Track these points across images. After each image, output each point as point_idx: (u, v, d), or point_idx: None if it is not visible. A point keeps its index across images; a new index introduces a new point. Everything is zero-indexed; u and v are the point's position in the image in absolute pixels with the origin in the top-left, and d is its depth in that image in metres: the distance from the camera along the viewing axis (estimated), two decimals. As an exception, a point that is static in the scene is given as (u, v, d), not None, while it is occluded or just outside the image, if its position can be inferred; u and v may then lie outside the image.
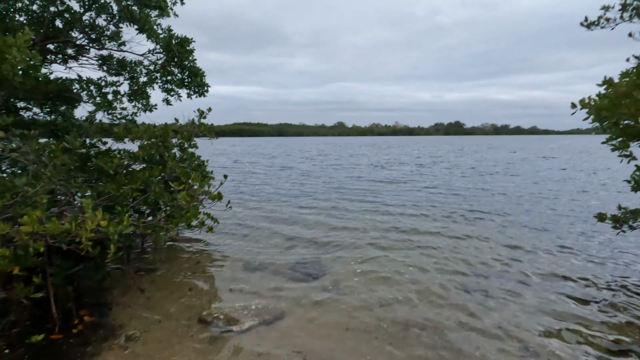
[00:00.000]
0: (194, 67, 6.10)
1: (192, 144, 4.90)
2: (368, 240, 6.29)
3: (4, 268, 2.28)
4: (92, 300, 3.88)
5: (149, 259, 5.31)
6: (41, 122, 5.52)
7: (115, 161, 3.83)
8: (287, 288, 4.36)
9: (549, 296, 4.13)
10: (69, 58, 6.11)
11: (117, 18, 5.74)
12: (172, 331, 3.36)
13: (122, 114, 5.76)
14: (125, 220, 2.91)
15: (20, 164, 3.91)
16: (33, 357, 2.90)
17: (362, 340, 3.24)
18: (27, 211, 2.60)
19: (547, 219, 7.72)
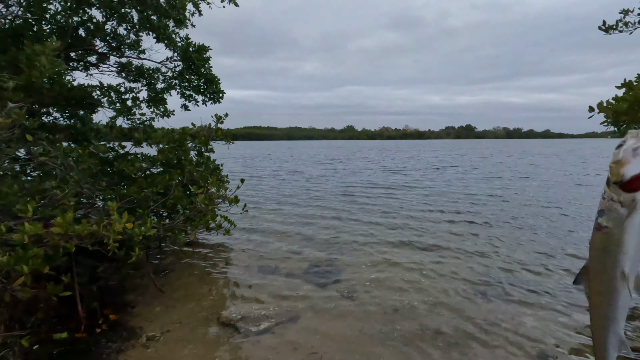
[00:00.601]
0: (210, 74, 6.25)
1: (209, 149, 5.02)
2: (382, 244, 6.31)
3: (37, 267, 2.39)
4: (114, 300, 4.00)
5: (168, 261, 5.43)
6: (61, 127, 5.73)
7: (136, 165, 3.95)
8: (302, 291, 4.41)
9: (571, 304, 4.09)
10: (90, 65, 6.33)
11: (137, 27, 5.93)
12: (192, 331, 3.45)
13: (141, 119, 5.93)
14: (149, 223, 3.02)
15: (46, 167, 4.08)
16: (61, 353, 3.02)
17: (378, 343, 3.27)
18: (57, 213, 2.73)
19: (568, 225, 7.62)
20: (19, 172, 4.20)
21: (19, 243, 2.35)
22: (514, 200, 10.63)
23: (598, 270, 1.58)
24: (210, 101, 6.36)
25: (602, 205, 1.49)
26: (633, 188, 1.40)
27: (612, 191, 1.45)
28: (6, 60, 3.67)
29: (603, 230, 1.48)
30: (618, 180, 1.41)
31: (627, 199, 1.42)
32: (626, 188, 1.41)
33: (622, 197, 1.42)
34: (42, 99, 4.50)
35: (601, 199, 1.50)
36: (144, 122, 6.02)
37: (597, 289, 1.61)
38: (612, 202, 1.44)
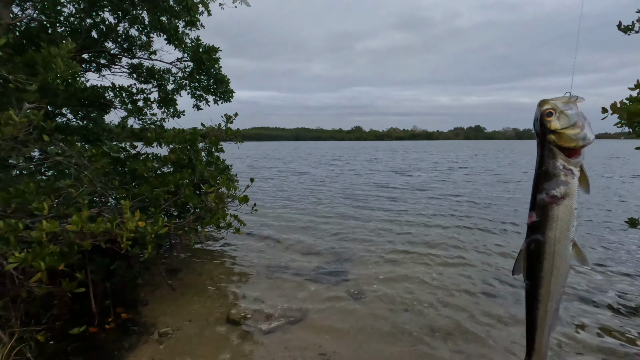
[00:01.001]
0: (219, 74, 6.31)
1: (219, 148, 5.07)
2: (390, 245, 6.29)
3: (53, 264, 2.44)
4: (126, 297, 4.06)
5: (178, 259, 5.50)
6: (74, 127, 5.83)
7: (148, 164, 4.01)
8: (310, 290, 4.43)
9: (585, 309, 4.03)
10: (102, 67, 6.43)
11: (148, 29, 6.01)
12: (202, 328, 3.48)
13: (152, 120, 6.01)
14: (160, 221, 3.07)
15: (60, 166, 4.16)
16: (75, 349, 3.08)
17: (387, 344, 3.26)
18: (72, 211, 2.79)
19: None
20: (34, 172, 4.30)
21: (36, 240, 2.40)
22: (525, 202, 10.50)
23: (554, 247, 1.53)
24: (221, 101, 6.42)
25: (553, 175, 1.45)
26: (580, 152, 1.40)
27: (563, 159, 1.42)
28: (22, 62, 3.75)
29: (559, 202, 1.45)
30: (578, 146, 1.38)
31: (577, 165, 1.41)
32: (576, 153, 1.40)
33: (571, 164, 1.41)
34: (56, 100, 4.60)
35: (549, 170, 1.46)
36: (155, 122, 6.10)
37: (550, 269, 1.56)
38: (566, 171, 1.42)
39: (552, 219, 1.47)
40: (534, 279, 1.60)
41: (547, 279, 1.57)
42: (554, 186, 1.44)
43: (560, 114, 1.38)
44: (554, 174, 1.43)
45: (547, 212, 1.48)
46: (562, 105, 1.39)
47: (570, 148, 1.39)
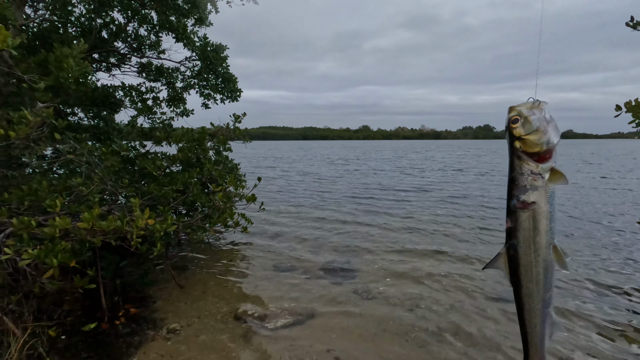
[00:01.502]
0: (227, 73, 6.33)
1: (227, 148, 5.10)
2: (398, 245, 6.26)
3: (65, 261, 2.48)
4: (135, 294, 4.11)
5: (187, 257, 5.55)
6: (85, 126, 5.92)
7: (157, 163, 4.05)
8: (318, 288, 4.43)
9: (603, 309, 3.97)
10: (112, 66, 6.51)
11: (157, 28, 6.06)
12: (210, 326, 3.51)
13: (162, 118, 6.06)
14: (169, 219, 3.09)
15: (72, 165, 4.23)
16: (85, 344, 3.13)
17: (394, 343, 3.25)
18: (83, 209, 2.83)
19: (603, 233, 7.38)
20: (46, 170, 4.38)
21: (49, 237, 2.44)
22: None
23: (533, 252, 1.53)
24: (228, 100, 6.44)
25: (522, 181, 1.46)
26: (549, 157, 1.40)
27: (531, 165, 1.43)
28: (36, 62, 3.82)
29: (530, 207, 1.46)
30: (541, 151, 1.40)
31: (546, 169, 1.42)
32: (543, 157, 1.41)
33: (540, 168, 1.42)
34: (68, 100, 4.66)
35: (517, 176, 1.48)
36: (164, 121, 6.15)
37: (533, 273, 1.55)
38: (534, 176, 1.43)
39: (525, 224, 1.49)
40: (517, 284, 1.61)
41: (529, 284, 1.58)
42: (523, 192, 1.46)
43: (525, 120, 1.40)
44: (522, 180, 1.46)
45: (519, 217, 1.50)
46: (527, 111, 1.40)
47: (536, 153, 1.41)
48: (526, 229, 1.49)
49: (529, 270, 1.55)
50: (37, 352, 2.67)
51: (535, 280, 1.55)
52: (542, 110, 1.39)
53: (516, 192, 1.48)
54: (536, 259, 1.52)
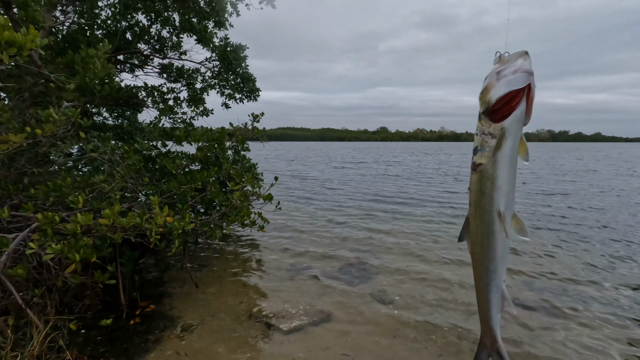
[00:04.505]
0: (246, 72, 6.39)
1: (245, 147, 5.13)
2: (418, 249, 6.13)
3: (87, 256, 2.53)
4: (153, 291, 4.18)
5: (204, 256, 5.61)
6: (109, 126, 6.08)
7: (177, 162, 4.11)
8: (334, 291, 4.38)
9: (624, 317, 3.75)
10: (135, 67, 6.68)
11: (178, 29, 6.18)
12: (225, 325, 3.52)
13: (182, 118, 6.16)
14: (187, 217, 3.12)
15: (95, 162, 4.34)
16: (104, 338, 3.19)
17: (411, 350, 3.16)
18: (105, 206, 2.89)
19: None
20: (71, 167, 4.51)
21: (71, 232, 2.50)
22: (564, 208, 9.96)
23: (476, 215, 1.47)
24: (248, 99, 6.50)
25: (476, 142, 1.41)
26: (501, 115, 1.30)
27: (483, 124, 1.37)
28: (63, 63, 3.94)
29: (478, 169, 1.40)
30: (486, 108, 1.32)
31: (496, 129, 1.33)
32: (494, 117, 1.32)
33: (492, 128, 1.34)
34: (93, 100, 4.80)
35: (475, 136, 1.42)
36: (185, 120, 6.25)
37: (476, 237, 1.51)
38: (484, 136, 1.36)
39: (473, 186, 1.45)
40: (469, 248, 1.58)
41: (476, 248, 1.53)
42: (475, 152, 1.41)
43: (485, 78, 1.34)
44: (476, 140, 1.41)
45: (471, 179, 1.45)
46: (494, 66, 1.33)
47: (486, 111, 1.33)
48: (473, 191, 1.45)
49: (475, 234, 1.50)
50: (57, 345, 2.73)
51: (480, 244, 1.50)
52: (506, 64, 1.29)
53: (473, 153, 1.43)
54: (481, 224, 1.46)
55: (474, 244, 1.53)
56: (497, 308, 1.58)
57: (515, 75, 1.25)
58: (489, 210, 1.42)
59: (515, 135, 1.33)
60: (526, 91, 1.27)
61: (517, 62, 1.26)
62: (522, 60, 1.26)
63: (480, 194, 1.42)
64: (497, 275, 1.52)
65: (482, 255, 1.51)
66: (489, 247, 1.47)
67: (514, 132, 1.32)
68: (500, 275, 1.52)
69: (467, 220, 1.55)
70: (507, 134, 1.31)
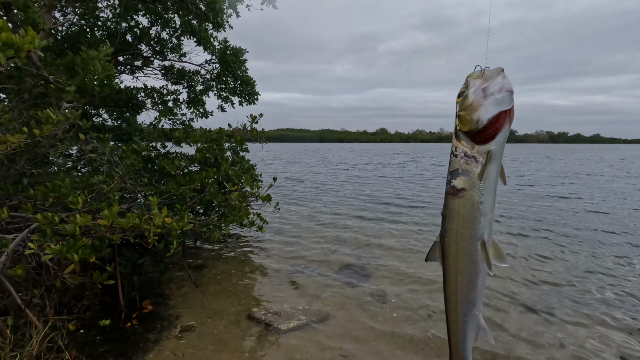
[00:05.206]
0: (245, 76, 6.41)
1: (244, 148, 5.14)
2: (415, 249, 6.15)
3: (85, 256, 2.54)
4: (152, 291, 4.18)
5: (202, 256, 5.62)
6: (109, 127, 6.10)
7: (176, 163, 4.12)
8: (333, 291, 4.39)
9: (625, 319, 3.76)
10: (136, 69, 6.70)
11: (178, 32, 6.20)
12: (224, 325, 3.53)
13: (182, 120, 6.18)
14: (186, 218, 3.13)
15: (94, 163, 4.36)
16: (103, 339, 3.20)
17: (410, 351, 3.17)
18: (104, 206, 2.90)
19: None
20: (70, 168, 4.52)
21: (70, 233, 2.51)
22: (565, 211, 9.98)
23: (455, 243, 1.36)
24: (246, 102, 6.52)
25: (455, 164, 1.28)
26: (487, 137, 1.19)
27: (465, 145, 1.24)
28: (63, 65, 3.96)
29: (459, 194, 1.28)
30: (472, 129, 1.19)
31: (482, 152, 1.21)
32: (480, 138, 1.20)
33: (476, 151, 1.22)
34: (93, 101, 4.82)
35: (451, 157, 1.29)
36: (184, 122, 6.27)
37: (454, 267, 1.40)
38: (467, 159, 1.24)
39: (454, 212, 1.33)
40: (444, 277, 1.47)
41: (452, 278, 1.43)
42: (455, 175, 1.28)
43: (467, 93, 1.20)
44: (455, 162, 1.28)
45: (449, 203, 1.33)
46: (472, 82, 1.20)
47: (469, 132, 1.21)
48: (453, 217, 1.33)
49: (452, 263, 1.40)
50: (56, 345, 2.74)
51: (458, 274, 1.39)
52: (489, 80, 1.17)
53: (450, 175, 1.31)
54: (460, 253, 1.36)
55: (450, 274, 1.42)
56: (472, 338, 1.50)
57: (502, 94, 1.17)
58: (471, 240, 1.32)
59: (499, 158, 1.25)
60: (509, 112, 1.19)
61: (498, 80, 1.17)
62: (502, 78, 1.18)
63: (462, 222, 1.32)
64: (475, 306, 1.43)
65: (460, 286, 1.41)
66: (469, 278, 1.38)
67: (499, 155, 1.24)
68: (478, 305, 1.44)
69: (437, 244, 1.45)
70: (492, 158, 1.22)
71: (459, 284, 1.41)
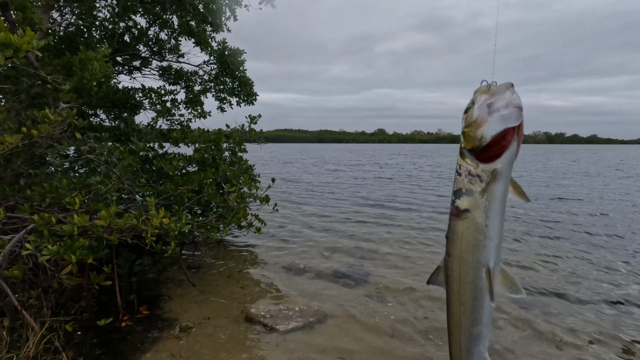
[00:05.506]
0: (244, 76, 6.41)
1: (242, 149, 5.14)
2: (415, 251, 6.15)
3: (83, 257, 2.53)
4: (150, 292, 4.17)
5: (200, 257, 5.61)
6: (107, 127, 6.08)
7: (174, 163, 4.11)
8: (330, 292, 4.39)
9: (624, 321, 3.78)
10: (134, 69, 6.68)
11: (177, 32, 6.19)
12: (221, 326, 3.52)
13: (180, 120, 6.17)
14: (184, 219, 3.12)
15: (92, 164, 4.34)
16: (100, 340, 3.18)
17: (408, 351, 3.17)
18: (101, 207, 2.89)
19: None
20: (67, 169, 4.51)
21: (67, 234, 2.50)
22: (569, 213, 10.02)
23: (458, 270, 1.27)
24: (244, 103, 6.51)
25: (459, 183, 1.21)
26: (492, 155, 1.12)
27: (469, 163, 1.17)
28: (60, 64, 3.94)
29: (462, 215, 1.20)
30: (476, 146, 1.13)
31: (487, 171, 1.14)
32: (484, 156, 1.14)
33: (481, 170, 1.15)
34: (90, 101, 4.80)
35: (456, 176, 1.23)
36: (182, 122, 6.26)
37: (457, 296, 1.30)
38: (471, 178, 1.17)
39: (457, 235, 1.24)
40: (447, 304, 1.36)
41: (455, 307, 1.33)
42: (458, 195, 1.21)
43: (471, 109, 1.15)
44: (459, 181, 1.21)
45: (452, 225, 1.25)
46: (478, 97, 1.15)
47: (474, 149, 1.15)
48: (456, 241, 1.24)
49: (455, 291, 1.30)
50: (53, 347, 2.72)
51: (462, 304, 1.29)
52: (495, 96, 1.12)
53: (453, 196, 1.23)
54: (464, 281, 1.26)
55: (453, 302, 1.33)
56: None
57: (509, 110, 1.10)
58: (475, 267, 1.23)
59: (507, 178, 1.17)
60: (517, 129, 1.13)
61: (506, 95, 1.11)
62: (511, 93, 1.11)
63: (465, 247, 1.22)
64: (481, 342, 1.32)
65: (464, 318, 1.32)
66: (473, 309, 1.28)
67: (506, 174, 1.16)
68: (484, 342, 1.32)
69: (440, 268, 1.38)
70: (498, 177, 1.14)
71: (462, 315, 1.32)
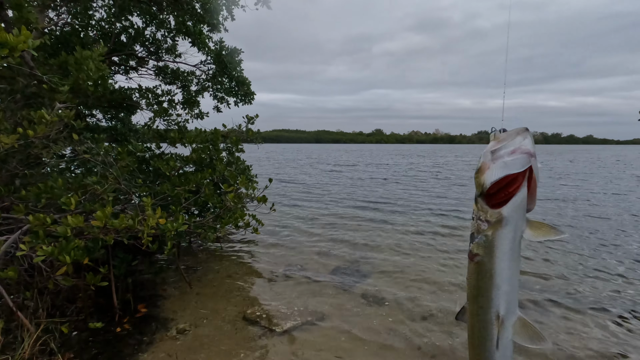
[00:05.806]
0: (241, 76, 6.40)
1: (239, 149, 5.13)
2: (411, 252, 6.16)
3: (78, 258, 2.51)
4: (146, 293, 4.15)
5: (197, 258, 5.59)
6: (103, 128, 6.05)
7: (171, 164, 4.10)
8: (328, 292, 4.38)
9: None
10: (130, 69, 6.65)
11: (174, 32, 6.17)
12: (218, 327, 3.51)
13: (177, 120, 6.15)
14: (180, 219, 3.12)
15: (88, 164, 4.32)
16: (96, 341, 3.17)
17: (405, 352, 3.18)
18: (97, 207, 2.88)
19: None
20: (63, 169, 4.48)
21: (62, 234, 2.48)
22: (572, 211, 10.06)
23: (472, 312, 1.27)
24: (242, 102, 6.50)
25: (472, 227, 1.23)
26: (498, 201, 1.14)
27: (480, 208, 1.19)
28: (56, 64, 3.92)
29: (475, 259, 1.21)
30: (480, 192, 1.16)
31: (493, 216, 1.15)
32: (492, 202, 1.15)
33: (488, 215, 1.17)
34: (87, 101, 4.78)
35: (472, 220, 1.25)
36: (179, 122, 6.24)
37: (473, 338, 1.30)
38: (480, 222, 1.18)
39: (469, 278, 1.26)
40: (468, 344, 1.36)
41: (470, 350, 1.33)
42: (472, 239, 1.23)
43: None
44: (472, 225, 1.24)
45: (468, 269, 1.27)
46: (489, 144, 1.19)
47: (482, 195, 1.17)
48: (469, 283, 1.27)
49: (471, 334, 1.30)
50: (49, 348, 2.71)
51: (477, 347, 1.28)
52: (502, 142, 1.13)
53: (470, 240, 1.25)
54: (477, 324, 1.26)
55: (471, 345, 1.33)
56: None
57: (513, 157, 1.10)
58: (486, 311, 1.23)
59: (516, 224, 1.16)
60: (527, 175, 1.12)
61: (515, 141, 1.11)
62: (522, 138, 1.11)
63: (476, 290, 1.24)
64: None
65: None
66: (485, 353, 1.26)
67: (515, 220, 1.15)
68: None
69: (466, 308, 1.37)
70: (505, 223, 1.14)
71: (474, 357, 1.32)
